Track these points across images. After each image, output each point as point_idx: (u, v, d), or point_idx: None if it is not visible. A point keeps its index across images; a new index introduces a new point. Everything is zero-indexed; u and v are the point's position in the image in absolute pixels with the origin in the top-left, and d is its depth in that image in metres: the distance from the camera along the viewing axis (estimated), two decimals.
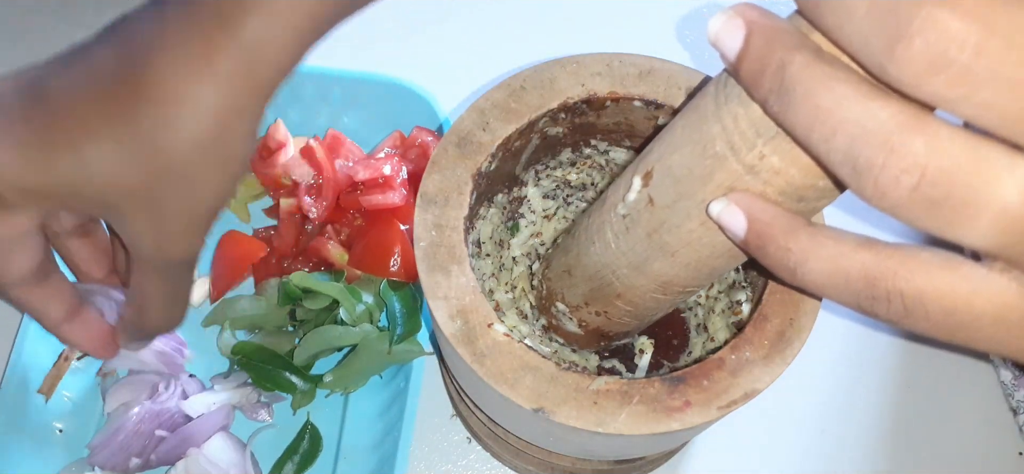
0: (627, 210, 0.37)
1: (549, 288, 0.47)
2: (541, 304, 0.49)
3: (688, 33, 0.74)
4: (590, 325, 0.46)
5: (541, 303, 0.49)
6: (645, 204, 0.35)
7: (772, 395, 0.41)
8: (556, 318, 0.47)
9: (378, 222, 0.59)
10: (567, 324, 0.47)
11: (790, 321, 0.41)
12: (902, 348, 0.62)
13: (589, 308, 0.44)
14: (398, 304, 0.56)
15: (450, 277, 0.41)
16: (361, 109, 0.65)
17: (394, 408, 0.55)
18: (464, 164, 0.44)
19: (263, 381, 0.55)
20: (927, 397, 0.60)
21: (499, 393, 0.38)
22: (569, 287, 0.45)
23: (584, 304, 0.44)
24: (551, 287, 0.47)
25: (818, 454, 0.58)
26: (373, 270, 0.57)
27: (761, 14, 0.26)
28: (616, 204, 0.38)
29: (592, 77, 0.46)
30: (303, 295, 0.56)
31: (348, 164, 0.61)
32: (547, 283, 0.47)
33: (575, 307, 0.45)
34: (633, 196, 0.36)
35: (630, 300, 0.41)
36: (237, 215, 0.64)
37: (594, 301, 0.43)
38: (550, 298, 0.47)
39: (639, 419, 0.38)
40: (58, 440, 0.55)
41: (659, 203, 0.34)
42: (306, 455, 0.55)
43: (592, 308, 0.44)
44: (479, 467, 0.57)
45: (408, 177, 0.60)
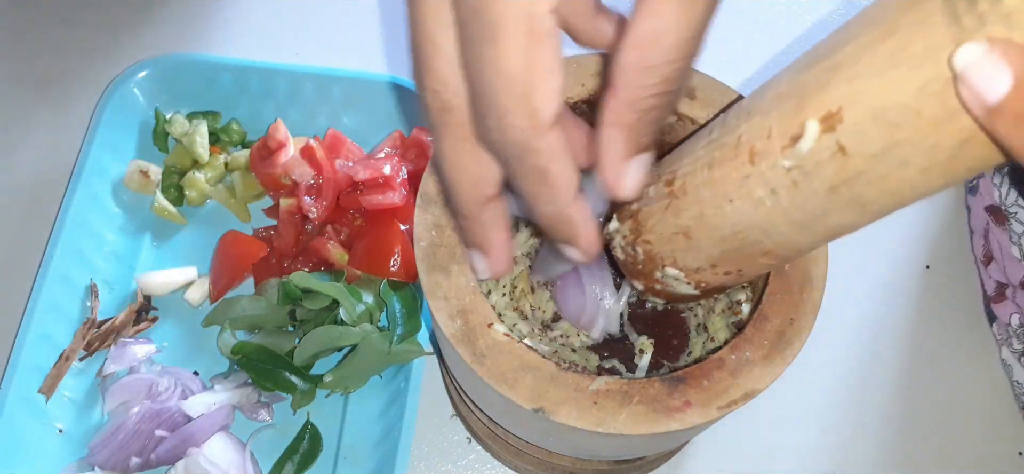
0: (796, 162, 0.30)
1: (650, 253, 0.41)
2: (635, 270, 0.44)
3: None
4: (712, 285, 0.41)
5: (635, 269, 0.43)
6: (831, 154, 0.29)
7: (772, 395, 0.41)
8: (661, 283, 0.42)
9: (378, 222, 0.59)
10: (680, 288, 0.42)
11: (790, 321, 0.40)
12: (902, 349, 0.62)
13: (716, 269, 0.39)
14: (398, 304, 0.55)
15: (450, 277, 0.41)
16: (361, 109, 0.65)
17: (394, 408, 0.55)
18: None
19: (263, 381, 0.55)
20: (927, 397, 0.60)
21: (499, 393, 0.38)
22: (686, 251, 0.39)
23: (710, 267, 0.39)
24: (653, 252, 0.41)
25: (818, 454, 0.58)
26: (373, 270, 0.57)
27: None
28: (769, 154, 0.32)
29: (592, 77, 0.46)
30: (303, 295, 0.56)
31: (348, 164, 0.61)
32: (645, 248, 0.41)
33: (695, 270, 0.40)
34: (808, 145, 0.30)
35: (781, 255, 0.36)
36: (237, 215, 0.64)
37: (726, 262, 0.38)
38: (653, 263, 0.42)
39: (639, 419, 0.38)
40: (58, 440, 0.55)
41: (857, 152, 0.28)
42: (306, 455, 0.55)
43: (721, 269, 0.39)
44: (479, 467, 0.57)
45: (408, 177, 0.60)
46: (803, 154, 0.30)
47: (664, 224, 0.39)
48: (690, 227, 0.37)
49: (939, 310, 0.63)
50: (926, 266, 0.65)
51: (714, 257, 0.38)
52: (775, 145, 0.31)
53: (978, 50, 0.23)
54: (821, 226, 0.32)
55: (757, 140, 0.32)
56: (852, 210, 0.30)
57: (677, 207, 0.38)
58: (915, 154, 0.27)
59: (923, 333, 0.62)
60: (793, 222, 0.33)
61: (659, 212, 0.39)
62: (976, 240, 0.63)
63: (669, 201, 0.38)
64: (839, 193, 0.30)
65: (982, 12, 0.23)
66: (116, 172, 0.64)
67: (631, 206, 0.42)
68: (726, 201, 0.34)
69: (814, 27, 0.75)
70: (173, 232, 0.64)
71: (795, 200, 0.32)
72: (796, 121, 0.30)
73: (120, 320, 0.59)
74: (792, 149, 0.30)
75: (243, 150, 0.65)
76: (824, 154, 0.29)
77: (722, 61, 0.65)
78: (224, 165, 0.65)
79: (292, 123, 0.64)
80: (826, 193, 0.30)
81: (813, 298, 0.41)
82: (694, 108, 0.45)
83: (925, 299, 0.63)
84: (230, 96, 0.66)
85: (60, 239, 0.58)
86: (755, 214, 0.33)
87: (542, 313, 0.51)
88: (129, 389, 0.56)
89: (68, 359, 0.57)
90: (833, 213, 0.31)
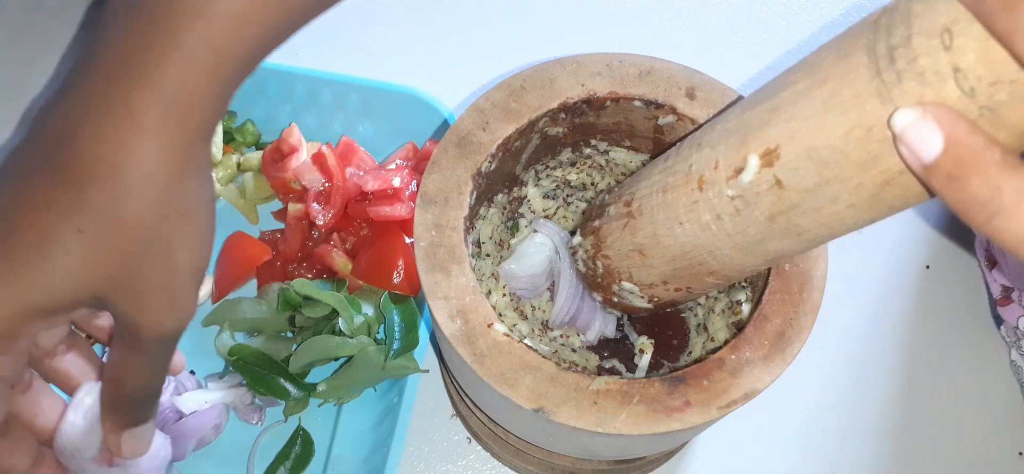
0: (739, 191, 0.33)
1: (608, 267, 0.44)
2: (595, 282, 0.47)
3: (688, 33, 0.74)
4: (663, 300, 0.44)
5: (595, 282, 0.46)
6: (769, 186, 0.32)
7: (772, 395, 0.41)
8: (618, 296, 0.45)
9: (384, 233, 0.59)
10: (634, 301, 0.45)
11: (790, 321, 0.41)
12: (902, 349, 0.62)
13: (668, 286, 0.42)
14: (398, 317, 0.55)
15: (450, 277, 0.41)
16: (376, 118, 0.65)
17: (386, 422, 0.55)
18: (464, 164, 0.44)
19: (257, 385, 0.55)
20: (926, 397, 0.60)
21: (499, 393, 0.38)
22: (641, 267, 0.42)
23: (662, 283, 0.42)
24: (611, 267, 0.44)
25: (819, 454, 0.58)
26: (375, 281, 0.57)
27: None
28: (715, 183, 0.34)
29: (592, 77, 0.46)
30: (303, 302, 0.56)
31: (359, 173, 0.61)
32: (604, 262, 0.44)
33: (648, 285, 0.43)
34: (749, 177, 0.32)
35: (725, 276, 0.39)
36: (246, 216, 0.64)
37: (677, 279, 0.41)
38: (611, 277, 0.45)
39: (639, 419, 0.38)
40: None
41: (792, 186, 0.31)
42: (298, 460, 0.55)
43: (672, 286, 0.42)
44: (479, 467, 0.57)
45: (417, 190, 0.60)
46: (745, 185, 0.33)
47: (621, 242, 0.42)
48: (644, 245, 0.40)
49: (939, 310, 0.63)
50: (926, 266, 0.65)
51: (665, 274, 0.41)
52: (721, 175, 0.34)
53: (913, 114, 0.25)
54: (761, 251, 0.35)
55: (706, 169, 0.35)
56: (789, 238, 0.33)
57: (634, 227, 0.41)
58: (843, 191, 0.29)
59: (923, 333, 0.62)
60: (736, 245, 0.35)
61: (617, 230, 0.42)
62: (979, 243, 0.63)
63: (627, 221, 0.41)
64: (776, 222, 0.32)
65: (900, 69, 0.25)
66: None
67: (593, 223, 0.45)
68: (677, 223, 0.37)
69: (818, 31, 0.75)
70: None
71: (738, 226, 0.34)
72: (740, 155, 0.32)
73: None
74: (735, 180, 0.33)
75: (257, 151, 0.65)
76: (763, 186, 0.32)
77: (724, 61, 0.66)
78: (237, 165, 0.65)
79: (308, 128, 0.64)
80: (765, 221, 0.33)
81: (813, 298, 0.41)
82: (694, 108, 0.45)
83: (925, 299, 0.63)
84: (247, 96, 0.66)
85: None
86: (702, 236, 0.36)
87: (542, 313, 0.51)
88: None
89: None
90: (771, 239, 0.34)
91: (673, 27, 0.74)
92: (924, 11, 0.25)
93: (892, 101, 0.26)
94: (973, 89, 0.24)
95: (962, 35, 0.24)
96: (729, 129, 0.34)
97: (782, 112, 0.31)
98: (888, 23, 0.26)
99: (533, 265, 0.49)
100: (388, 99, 0.64)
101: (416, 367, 0.54)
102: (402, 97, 0.63)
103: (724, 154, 0.34)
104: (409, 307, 0.56)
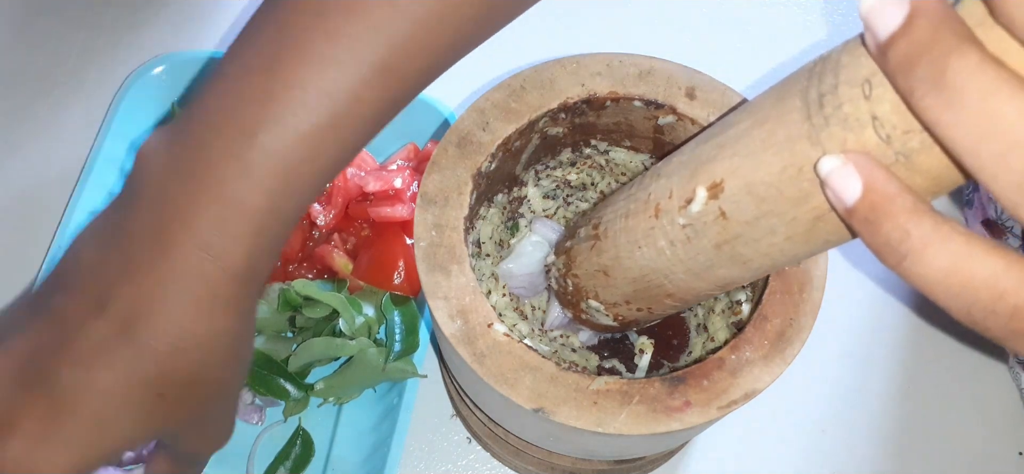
0: (689, 220, 0.35)
1: (577, 286, 0.46)
2: (566, 300, 0.48)
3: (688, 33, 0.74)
4: (627, 319, 0.45)
5: (566, 299, 0.48)
6: (715, 217, 0.34)
7: (772, 395, 0.41)
8: (586, 313, 0.47)
9: (384, 234, 0.59)
10: (600, 319, 0.46)
11: (790, 321, 0.41)
12: (901, 349, 0.62)
13: (630, 305, 0.43)
14: (399, 319, 0.55)
15: (450, 277, 0.41)
16: None
17: (386, 423, 0.55)
18: (464, 164, 0.44)
19: (256, 385, 0.55)
20: (926, 398, 0.60)
21: (499, 393, 0.38)
22: (605, 287, 0.43)
23: (624, 302, 0.43)
24: (580, 285, 0.46)
25: (819, 454, 0.58)
26: (376, 282, 0.57)
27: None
28: (669, 211, 0.36)
29: (592, 77, 0.46)
30: (303, 302, 0.56)
31: (360, 173, 0.61)
32: (573, 281, 0.46)
33: (613, 304, 0.44)
34: (698, 208, 0.34)
35: (682, 298, 0.40)
36: None
37: (637, 300, 0.42)
38: (579, 295, 0.46)
39: (639, 419, 0.38)
40: None
41: (735, 218, 0.33)
42: (298, 460, 0.55)
43: (634, 305, 0.43)
44: (479, 467, 0.57)
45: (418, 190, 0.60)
46: (693, 214, 0.35)
47: (589, 262, 0.44)
48: (608, 267, 0.42)
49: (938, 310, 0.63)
50: None
51: (627, 294, 0.42)
52: (674, 204, 0.36)
53: (836, 161, 0.26)
54: (711, 277, 0.37)
55: (661, 199, 0.37)
56: (735, 265, 0.35)
57: (599, 248, 0.43)
58: (779, 224, 0.31)
59: (922, 333, 0.62)
60: (688, 270, 0.37)
61: (585, 251, 0.44)
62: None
63: (594, 242, 0.43)
64: (723, 250, 0.34)
65: (827, 114, 0.27)
66: (130, 166, 0.63)
67: (566, 244, 0.47)
68: (636, 247, 0.39)
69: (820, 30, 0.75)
70: None
71: (689, 252, 0.36)
72: (690, 186, 0.35)
73: None
74: (686, 209, 0.35)
75: None
76: (710, 216, 0.34)
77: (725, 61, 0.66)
78: None
79: None
80: (713, 249, 0.35)
81: (813, 298, 0.41)
82: (694, 108, 0.45)
83: (924, 299, 0.63)
84: None
85: (69, 229, 0.58)
86: (658, 260, 0.38)
87: (542, 313, 0.51)
88: None
89: None
90: (720, 266, 0.35)
91: (673, 27, 0.74)
92: (850, 62, 0.26)
93: (820, 144, 0.27)
94: (889, 136, 0.25)
95: (880, 86, 0.25)
96: (683, 162, 0.36)
97: (727, 148, 0.33)
98: (821, 71, 0.28)
99: (531, 264, 0.49)
100: None
101: (414, 371, 0.54)
102: None
103: (677, 185, 0.36)
104: (410, 309, 0.56)
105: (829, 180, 0.27)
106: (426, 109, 0.63)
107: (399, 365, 0.54)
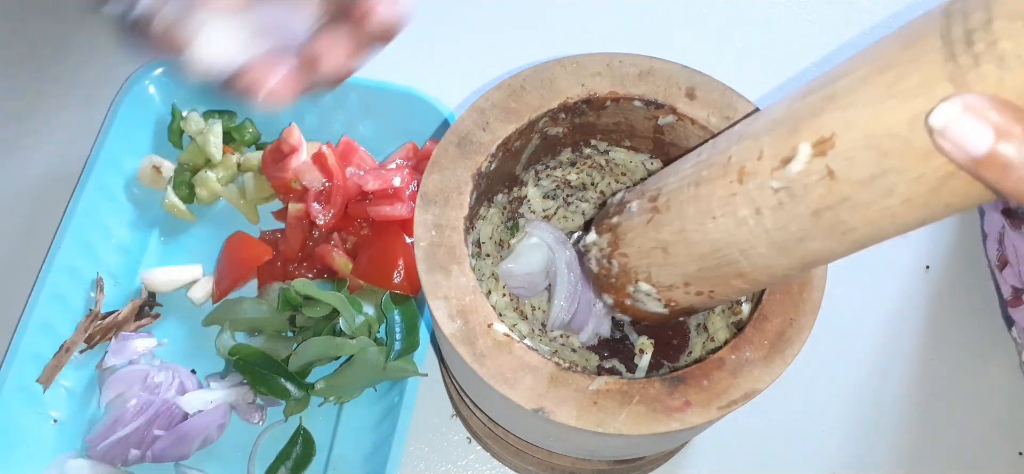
0: (785, 183, 0.31)
1: (625, 267, 0.42)
2: (607, 284, 0.45)
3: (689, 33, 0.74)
4: (680, 305, 0.42)
5: (608, 283, 0.45)
6: (819, 177, 0.30)
7: (772, 395, 0.41)
8: (632, 298, 0.43)
9: (384, 233, 0.59)
10: (649, 305, 0.43)
11: (790, 321, 0.41)
12: (901, 349, 0.62)
13: (689, 288, 0.40)
14: (399, 317, 0.55)
15: (450, 277, 0.41)
16: (376, 118, 0.65)
17: (387, 422, 0.55)
18: (464, 164, 0.44)
19: (258, 384, 0.55)
20: (926, 397, 0.60)
21: (499, 393, 0.38)
22: (662, 266, 0.40)
23: (683, 285, 0.40)
24: (628, 265, 0.42)
25: (818, 454, 0.58)
26: (376, 281, 0.57)
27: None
28: (757, 174, 0.33)
29: (592, 77, 0.46)
30: (304, 302, 0.56)
31: (359, 173, 0.61)
32: (621, 261, 0.42)
33: (668, 287, 0.41)
34: (799, 167, 0.30)
35: (754, 279, 0.37)
36: (246, 216, 0.64)
37: (700, 281, 0.39)
38: (626, 277, 0.42)
39: (639, 419, 0.38)
40: (53, 429, 0.56)
41: (845, 177, 0.29)
42: (299, 460, 0.55)
43: (693, 288, 0.40)
44: (479, 467, 0.57)
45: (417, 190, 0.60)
46: (792, 176, 0.31)
47: (643, 238, 0.40)
48: (669, 242, 0.39)
49: (938, 310, 0.63)
50: (926, 266, 0.65)
51: (689, 274, 0.39)
52: (765, 166, 0.32)
53: (955, 109, 0.24)
54: (799, 251, 0.33)
55: (747, 160, 0.33)
56: (832, 236, 0.31)
57: (658, 222, 0.39)
58: (900, 183, 0.28)
59: (922, 333, 0.62)
60: (773, 243, 0.34)
61: (639, 226, 0.41)
62: (990, 244, 0.62)
63: (651, 216, 0.39)
64: (822, 218, 0.31)
65: (978, 52, 0.24)
66: (130, 167, 0.64)
67: (611, 220, 0.43)
68: (709, 218, 0.36)
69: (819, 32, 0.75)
70: (182, 229, 0.64)
71: (778, 221, 0.33)
72: (788, 144, 0.31)
73: (123, 315, 0.59)
74: (782, 170, 0.31)
75: (257, 151, 0.65)
76: (813, 177, 0.30)
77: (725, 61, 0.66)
78: (237, 165, 0.65)
79: (308, 128, 0.64)
80: (809, 216, 0.31)
81: (813, 298, 0.41)
82: (694, 108, 0.45)
83: (924, 299, 0.63)
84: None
85: (69, 229, 0.58)
86: (737, 232, 0.35)
87: (542, 313, 0.51)
88: (126, 381, 0.56)
89: (68, 351, 0.57)
90: (813, 238, 0.32)
91: (673, 27, 0.74)
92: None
93: (967, 86, 0.25)
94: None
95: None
96: (776, 120, 0.32)
97: (839, 100, 0.29)
98: (963, 9, 0.25)
99: (530, 264, 0.49)
100: (388, 99, 0.64)
101: (415, 370, 0.54)
102: (402, 97, 0.63)
103: (770, 144, 0.32)
104: (410, 308, 0.56)
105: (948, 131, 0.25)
106: (426, 109, 0.63)
107: (399, 364, 0.54)
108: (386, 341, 0.56)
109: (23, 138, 0.68)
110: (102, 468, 0.54)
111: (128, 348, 0.57)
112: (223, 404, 0.56)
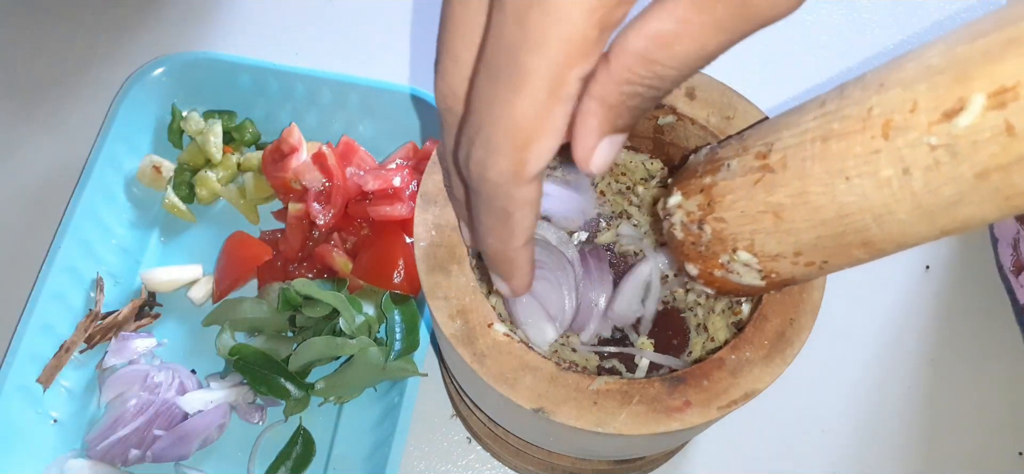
0: (947, 139, 0.27)
1: (720, 233, 0.38)
2: (692, 253, 0.40)
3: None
4: (783, 277, 0.37)
5: (694, 251, 0.40)
6: (995, 133, 0.26)
7: (772, 395, 0.41)
8: (724, 268, 0.39)
9: (384, 233, 0.59)
10: (746, 278, 0.39)
11: (790, 321, 0.40)
12: (901, 349, 0.62)
13: (799, 258, 0.35)
14: (399, 318, 0.55)
15: (450, 277, 0.41)
16: (377, 118, 0.65)
17: (387, 422, 0.55)
18: None
19: (258, 385, 0.55)
20: (926, 397, 0.60)
21: (499, 393, 0.38)
22: (772, 233, 0.35)
23: (793, 254, 0.35)
24: (726, 233, 0.37)
25: (818, 454, 0.58)
26: (376, 281, 0.57)
27: None
28: (909, 129, 0.28)
29: None
30: (304, 302, 0.56)
31: (359, 173, 0.61)
32: (715, 226, 0.38)
33: (773, 257, 0.36)
34: (969, 120, 0.26)
35: (879, 249, 0.33)
36: (246, 216, 0.64)
37: (815, 250, 0.34)
38: (721, 245, 0.38)
39: (639, 419, 0.38)
40: (52, 429, 0.56)
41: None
42: (299, 459, 0.55)
43: (804, 258, 0.35)
44: (479, 467, 0.57)
45: (418, 189, 0.60)
46: (957, 131, 0.27)
47: (749, 201, 0.36)
48: (783, 206, 0.34)
49: (938, 310, 0.63)
50: (926, 266, 0.65)
51: (803, 243, 0.34)
52: (920, 119, 0.28)
53: None
54: (947, 217, 0.29)
55: (896, 113, 0.29)
56: (993, 201, 0.27)
57: (770, 182, 0.34)
58: None
59: (922, 333, 0.62)
60: (918, 207, 0.29)
61: (745, 187, 0.36)
62: (1003, 249, 0.62)
63: (761, 176, 0.35)
64: (988, 180, 0.27)
65: None
66: (130, 166, 0.64)
67: (703, 179, 0.38)
68: (841, 178, 0.31)
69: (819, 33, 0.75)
70: (182, 229, 0.64)
71: (930, 183, 0.28)
72: (953, 95, 0.27)
73: (123, 315, 0.59)
74: (944, 124, 0.27)
75: (257, 151, 0.66)
76: (985, 133, 0.26)
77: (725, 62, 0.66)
78: (237, 165, 0.65)
79: (308, 128, 0.64)
80: (971, 178, 0.27)
81: (813, 298, 0.41)
82: (694, 108, 0.45)
83: (924, 299, 0.63)
84: (247, 96, 0.66)
85: (69, 229, 0.59)
86: (875, 195, 0.30)
87: None
88: (126, 380, 0.56)
89: (68, 351, 0.57)
90: (968, 203, 0.28)
91: None
92: None
93: None
94: None
95: None
96: (933, 67, 0.28)
97: None
98: None
99: None
100: (388, 99, 0.64)
101: (415, 370, 0.54)
102: (402, 97, 0.63)
103: (927, 94, 0.28)
104: (410, 308, 0.56)
105: None
106: (426, 108, 0.63)
107: (399, 364, 0.54)
108: (386, 341, 0.56)
109: (23, 138, 0.68)
110: (102, 468, 0.54)
111: (128, 348, 0.57)
112: (223, 404, 0.56)
